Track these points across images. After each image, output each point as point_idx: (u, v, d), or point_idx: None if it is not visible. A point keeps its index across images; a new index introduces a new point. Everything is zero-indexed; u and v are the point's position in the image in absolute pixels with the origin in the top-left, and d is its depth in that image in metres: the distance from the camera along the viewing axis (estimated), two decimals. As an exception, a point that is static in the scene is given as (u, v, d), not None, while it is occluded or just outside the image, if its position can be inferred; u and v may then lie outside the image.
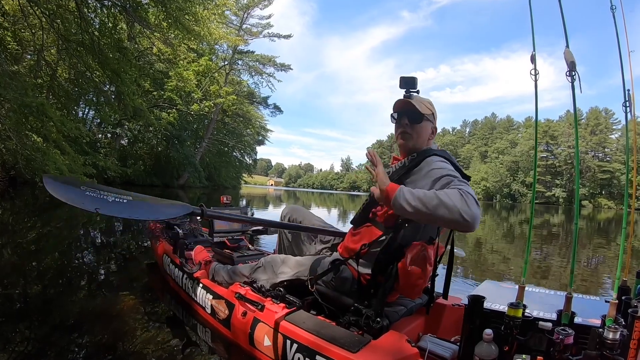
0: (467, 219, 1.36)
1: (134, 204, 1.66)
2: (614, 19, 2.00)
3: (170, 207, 1.78)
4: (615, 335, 1.38)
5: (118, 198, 1.63)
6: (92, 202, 1.56)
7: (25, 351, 2.05)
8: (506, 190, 73.89)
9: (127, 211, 1.64)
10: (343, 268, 1.92)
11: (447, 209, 1.38)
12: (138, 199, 1.69)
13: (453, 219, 1.38)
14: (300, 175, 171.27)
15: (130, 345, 2.21)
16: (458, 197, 1.39)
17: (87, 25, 11.11)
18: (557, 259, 6.87)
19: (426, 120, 1.88)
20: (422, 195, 1.45)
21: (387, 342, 1.62)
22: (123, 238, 6.25)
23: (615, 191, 64.55)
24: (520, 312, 1.56)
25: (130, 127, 25.92)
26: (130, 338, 2.30)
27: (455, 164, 1.77)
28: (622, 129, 65.89)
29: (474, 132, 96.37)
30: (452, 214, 1.38)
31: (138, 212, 1.72)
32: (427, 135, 1.90)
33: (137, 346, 2.20)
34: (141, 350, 2.16)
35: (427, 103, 1.91)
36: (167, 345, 2.26)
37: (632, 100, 1.97)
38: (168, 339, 2.34)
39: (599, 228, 17.47)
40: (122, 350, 2.14)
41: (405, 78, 1.82)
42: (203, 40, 16.82)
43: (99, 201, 1.57)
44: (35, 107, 8.68)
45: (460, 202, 1.38)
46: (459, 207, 1.37)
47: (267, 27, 33.36)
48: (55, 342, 2.17)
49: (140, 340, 2.27)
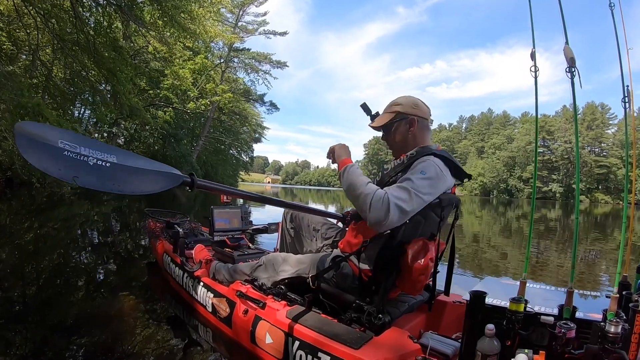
0: (369, 219, 1.57)
1: (118, 169, 1.36)
2: (612, 15, 2.00)
3: (159, 175, 1.48)
4: (617, 329, 1.39)
5: (101, 159, 1.31)
6: (70, 166, 1.24)
7: (24, 352, 2.05)
8: (503, 185, 74.13)
9: (109, 181, 1.33)
10: (344, 265, 1.92)
11: (361, 204, 1.60)
12: (123, 160, 1.38)
13: (362, 215, 1.61)
14: (297, 173, 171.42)
15: (131, 344, 2.21)
16: (374, 199, 1.56)
17: (82, 25, 11.07)
18: (554, 254, 6.89)
19: (396, 123, 1.98)
20: (354, 181, 1.67)
21: (389, 339, 1.62)
22: (121, 238, 6.23)
23: (612, 186, 64.83)
24: (522, 306, 1.57)
25: (127, 127, 25.84)
26: (130, 338, 2.29)
27: (453, 164, 1.81)
28: (618, 124, 66.31)
29: (470, 128, 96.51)
30: (362, 210, 1.61)
31: (122, 183, 1.38)
32: (404, 133, 1.97)
33: (137, 346, 2.20)
34: (142, 349, 2.16)
35: (391, 106, 2.01)
36: (168, 344, 2.25)
37: (631, 95, 1.98)
38: (169, 338, 2.34)
39: (595, 222, 17.54)
40: (122, 350, 2.14)
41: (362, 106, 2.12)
42: (199, 38, 16.79)
43: (78, 165, 1.25)
44: (31, 108, 8.64)
45: (370, 203, 1.56)
46: (367, 206, 1.57)
47: (262, 24, 33.24)
48: (55, 343, 2.16)
49: (140, 340, 2.27)
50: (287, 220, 2.60)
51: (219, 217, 3.11)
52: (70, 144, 1.23)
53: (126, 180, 1.38)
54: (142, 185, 1.46)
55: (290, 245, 2.60)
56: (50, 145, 1.19)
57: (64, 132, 1.29)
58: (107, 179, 1.32)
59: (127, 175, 1.38)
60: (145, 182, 1.46)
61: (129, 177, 1.38)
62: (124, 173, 1.36)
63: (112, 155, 1.33)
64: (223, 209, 3.19)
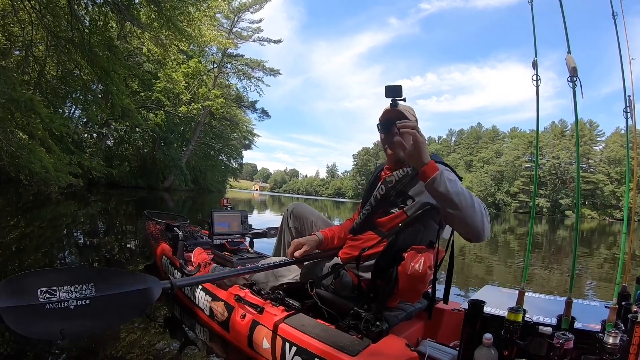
0: (484, 230, 1.52)
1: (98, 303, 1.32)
2: (615, 25, 2.04)
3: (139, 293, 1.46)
4: (615, 340, 1.40)
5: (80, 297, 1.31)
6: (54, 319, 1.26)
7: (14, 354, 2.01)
8: (490, 199, 74.75)
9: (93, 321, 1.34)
10: (343, 272, 1.92)
11: (475, 213, 1.50)
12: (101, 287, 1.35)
13: (474, 225, 1.51)
14: (285, 181, 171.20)
15: (128, 347, 2.18)
16: (484, 209, 1.53)
17: (78, 22, 11.01)
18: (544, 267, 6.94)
19: None
20: (460, 188, 1.52)
21: (386, 346, 1.62)
22: (120, 238, 6.19)
23: (599, 202, 65.69)
24: (521, 316, 1.57)
25: (117, 128, 25.68)
26: (127, 340, 2.26)
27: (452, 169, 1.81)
28: (606, 141, 67.52)
29: (459, 141, 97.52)
30: (475, 220, 1.50)
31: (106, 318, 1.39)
32: None
33: (134, 348, 2.17)
34: (139, 352, 2.13)
35: (410, 110, 1.99)
36: (166, 347, 2.24)
37: (632, 106, 2.01)
38: (166, 341, 2.32)
39: (582, 238, 17.73)
40: (119, 353, 2.11)
41: (390, 87, 1.79)
42: (194, 42, 16.80)
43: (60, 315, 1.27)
44: (23, 103, 8.54)
45: (484, 213, 1.52)
46: (484, 217, 1.52)
47: (257, 31, 33.42)
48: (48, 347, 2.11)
49: (137, 343, 2.24)
50: (289, 219, 2.58)
51: (218, 221, 3.09)
52: (50, 288, 1.25)
53: (109, 313, 1.38)
54: (126, 311, 1.45)
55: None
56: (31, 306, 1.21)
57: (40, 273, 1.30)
58: (90, 319, 1.33)
59: (109, 307, 1.37)
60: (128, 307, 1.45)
61: (110, 308, 1.38)
62: (105, 305, 1.36)
63: (90, 286, 1.32)
64: (223, 212, 3.18)
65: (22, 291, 1.22)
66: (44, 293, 1.24)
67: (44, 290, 1.24)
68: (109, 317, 1.40)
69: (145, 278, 1.51)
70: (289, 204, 2.66)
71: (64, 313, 1.26)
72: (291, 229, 2.55)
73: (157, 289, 1.50)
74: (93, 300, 1.32)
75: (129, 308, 1.45)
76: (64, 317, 1.26)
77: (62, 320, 1.26)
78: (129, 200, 15.80)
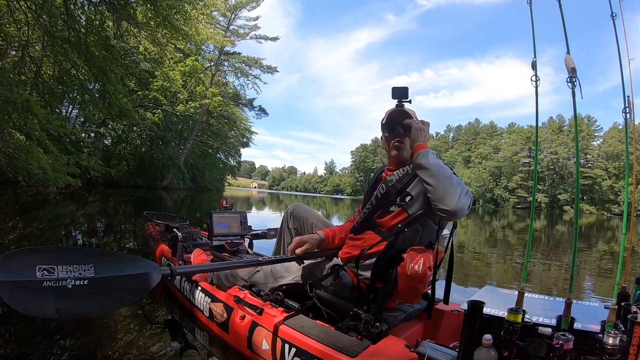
0: (458, 204, 1.61)
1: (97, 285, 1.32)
2: (614, 25, 2.04)
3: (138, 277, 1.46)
4: (614, 340, 1.40)
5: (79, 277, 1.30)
6: (51, 297, 1.26)
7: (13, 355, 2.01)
8: (489, 195, 74.83)
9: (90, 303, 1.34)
10: (342, 273, 1.93)
11: (451, 185, 1.64)
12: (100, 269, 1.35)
13: (448, 197, 1.62)
14: (283, 178, 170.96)
15: (127, 348, 2.18)
16: (461, 186, 1.66)
17: (74, 22, 10.97)
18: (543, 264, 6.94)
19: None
20: (441, 165, 1.73)
21: (385, 347, 1.62)
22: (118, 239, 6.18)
23: (597, 197, 65.74)
24: (520, 317, 1.57)
25: (114, 127, 25.62)
26: (127, 341, 2.27)
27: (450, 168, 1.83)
28: (604, 136, 67.63)
29: (457, 137, 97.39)
30: (451, 193, 1.62)
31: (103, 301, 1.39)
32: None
33: (133, 349, 2.17)
34: (138, 353, 2.13)
35: (413, 113, 2.01)
36: (165, 348, 2.23)
37: (631, 106, 2.01)
38: (166, 343, 2.32)
39: (581, 233, 17.76)
40: (118, 354, 2.11)
41: (397, 88, 1.89)
42: (191, 40, 16.74)
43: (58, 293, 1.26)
44: (20, 104, 8.51)
45: (461, 189, 1.63)
46: (459, 192, 1.62)
47: (254, 28, 33.34)
48: (48, 348, 2.11)
49: (137, 344, 2.25)
50: (289, 220, 2.58)
51: (218, 222, 3.09)
52: (48, 266, 1.24)
53: (107, 295, 1.38)
54: (124, 295, 1.46)
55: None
56: (29, 282, 1.21)
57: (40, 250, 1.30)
58: (88, 300, 1.32)
59: (107, 290, 1.37)
60: (126, 290, 1.45)
61: (109, 290, 1.38)
62: (103, 286, 1.36)
63: (89, 267, 1.32)
64: (222, 213, 3.17)
65: (21, 267, 1.22)
66: (42, 270, 1.24)
67: (43, 268, 1.24)
68: (107, 299, 1.40)
69: (146, 263, 1.52)
70: (289, 205, 2.66)
71: (61, 292, 1.26)
72: (291, 230, 2.55)
73: (156, 274, 1.51)
74: (92, 281, 1.32)
75: (128, 292, 1.46)
76: (61, 296, 1.26)
77: (59, 299, 1.26)
78: (127, 199, 15.80)
